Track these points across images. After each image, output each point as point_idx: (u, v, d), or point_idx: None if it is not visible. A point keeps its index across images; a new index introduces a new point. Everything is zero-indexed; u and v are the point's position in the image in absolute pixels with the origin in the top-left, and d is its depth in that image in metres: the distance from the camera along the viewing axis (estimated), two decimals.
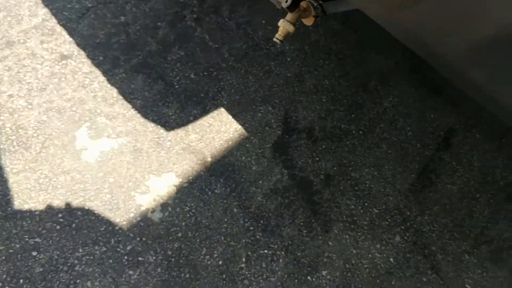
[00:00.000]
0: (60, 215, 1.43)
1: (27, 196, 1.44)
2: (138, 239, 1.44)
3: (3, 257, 1.34)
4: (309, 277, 1.49)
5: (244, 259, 1.48)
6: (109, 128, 1.60)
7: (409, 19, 0.91)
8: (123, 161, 1.56)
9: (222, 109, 1.73)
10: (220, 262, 1.46)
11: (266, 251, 1.50)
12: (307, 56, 1.96)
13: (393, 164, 1.76)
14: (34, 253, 1.37)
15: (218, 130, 1.68)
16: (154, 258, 1.42)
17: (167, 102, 1.71)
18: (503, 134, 1.91)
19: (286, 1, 1.04)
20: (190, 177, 1.57)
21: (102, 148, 1.56)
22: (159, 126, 1.64)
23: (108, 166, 1.54)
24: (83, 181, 1.50)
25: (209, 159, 1.62)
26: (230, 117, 1.72)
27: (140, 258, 1.42)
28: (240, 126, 1.71)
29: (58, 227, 1.42)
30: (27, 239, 1.38)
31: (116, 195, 1.50)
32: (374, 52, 2.04)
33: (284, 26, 1.08)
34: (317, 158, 1.71)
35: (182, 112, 1.70)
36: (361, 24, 2.11)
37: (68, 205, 1.43)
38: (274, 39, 1.10)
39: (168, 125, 1.65)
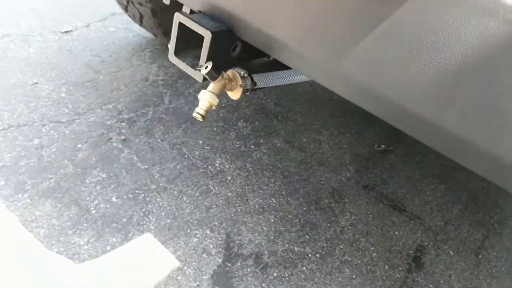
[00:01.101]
0: None
1: None
2: None
3: None
4: None
5: None
6: None
7: (359, 69, 0.71)
8: None
9: (149, 235, 1.42)
10: None
11: None
12: (250, 175, 1.74)
13: None
14: None
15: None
16: None
17: (79, 230, 1.39)
18: (478, 248, 1.67)
19: (206, 67, 0.84)
20: None
21: None
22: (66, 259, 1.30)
23: None
24: None
25: None
26: (159, 243, 1.40)
27: None
28: (171, 255, 1.39)
29: None
30: None
31: None
32: (322, 168, 1.86)
33: (206, 98, 0.86)
34: None
35: (97, 241, 1.37)
36: (306, 143, 1.96)
37: None
38: (194, 114, 0.87)
39: (78, 258, 1.31)
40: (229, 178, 1.71)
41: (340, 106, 2.30)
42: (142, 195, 1.55)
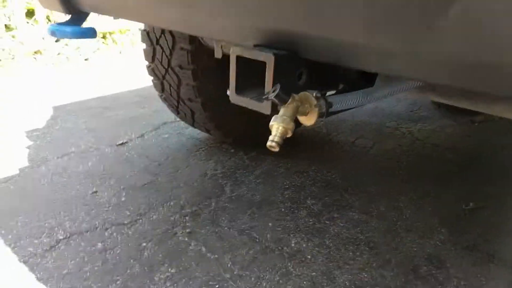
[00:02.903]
0: None
1: None
2: None
3: None
4: None
5: None
6: None
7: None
8: None
9: None
10: None
11: None
12: (331, 251, 1.55)
13: None
14: None
15: None
16: None
17: None
18: None
19: (274, 90, 0.74)
20: None
21: None
22: None
23: None
24: None
25: None
26: None
27: None
28: None
29: None
30: None
31: None
32: (411, 235, 1.65)
33: (279, 122, 0.74)
34: None
35: None
36: (386, 212, 1.78)
37: None
38: (269, 143, 0.75)
39: None
40: (308, 257, 1.52)
41: (412, 171, 2.13)
42: (217, 286, 1.38)
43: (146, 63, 2.06)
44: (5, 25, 3.97)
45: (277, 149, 0.74)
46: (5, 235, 1.58)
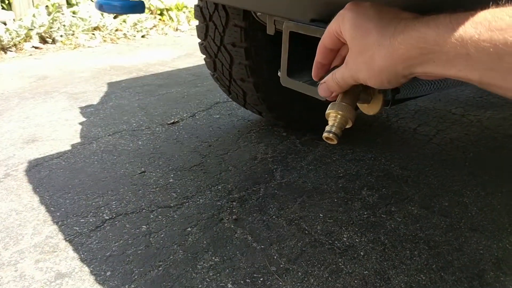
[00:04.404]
0: None
1: None
2: None
3: None
4: None
5: None
6: None
7: None
8: None
9: None
10: None
11: None
12: (386, 248, 1.44)
13: None
14: None
15: None
16: None
17: None
18: None
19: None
20: None
21: None
22: None
23: None
24: None
25: None
26: None
27: None
28: None
29: None
30: None
31: None
32: (476, 235, 1.50)
33: (338, 110, 0.62)
34: None
35: None
36: (449, 207, 1.63)
37: None
38: (325, 135, 0.63)
39: None
40: (361, 253, 1.41)
41: (479, 164, 1.95)
42: (261, 279, 1.31)
43: (199, 40, 1.99)
44: (67, 1, 4.03)
45: (335, 142, 0.63)
46: (54, 212, 1.58)
